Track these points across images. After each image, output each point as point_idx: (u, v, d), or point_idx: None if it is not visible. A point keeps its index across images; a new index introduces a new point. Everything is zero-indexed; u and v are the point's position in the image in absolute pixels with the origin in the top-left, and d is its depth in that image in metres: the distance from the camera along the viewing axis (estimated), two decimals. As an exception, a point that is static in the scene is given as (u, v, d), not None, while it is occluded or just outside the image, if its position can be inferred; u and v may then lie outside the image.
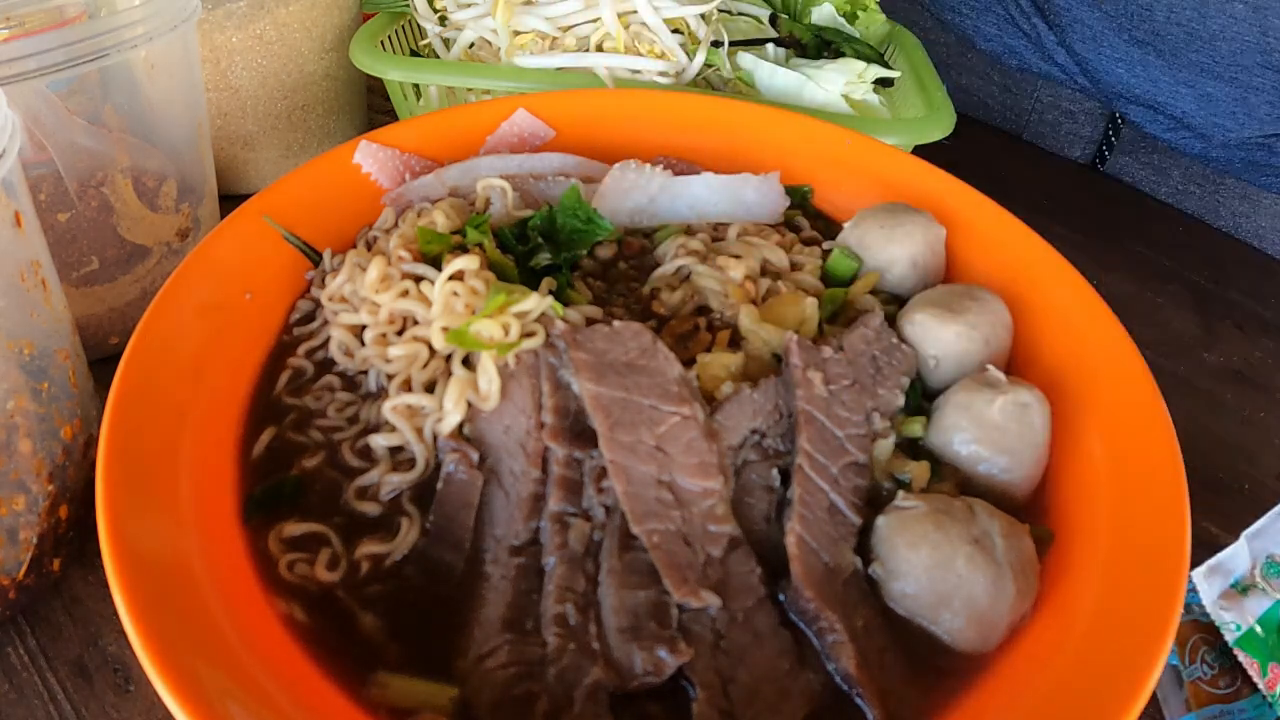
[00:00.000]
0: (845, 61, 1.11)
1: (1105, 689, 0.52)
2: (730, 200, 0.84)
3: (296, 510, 0.62)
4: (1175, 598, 0.55)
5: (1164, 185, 1.39)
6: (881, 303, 0.76)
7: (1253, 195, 1.30)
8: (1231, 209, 1.32)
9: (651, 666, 0.53)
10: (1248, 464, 0.91)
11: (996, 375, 0.66)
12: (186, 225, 0.92)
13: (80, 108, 0.84)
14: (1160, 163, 1.38)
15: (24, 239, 0.64)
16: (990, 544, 0.57)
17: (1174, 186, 1.38)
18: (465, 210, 0.80)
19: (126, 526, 0.55)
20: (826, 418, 0.64)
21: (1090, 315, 0.74)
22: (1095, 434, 0.66)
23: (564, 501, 0.61)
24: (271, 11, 1.04)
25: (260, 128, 1.10)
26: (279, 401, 0.69)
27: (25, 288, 0.65)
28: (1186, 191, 1.36)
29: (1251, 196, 1.30)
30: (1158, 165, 1.39)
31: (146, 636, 0.49)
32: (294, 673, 0.54)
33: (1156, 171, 1.39)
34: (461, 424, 0.64)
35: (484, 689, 0.53)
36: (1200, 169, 1.33)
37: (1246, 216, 1.31)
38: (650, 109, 0.97)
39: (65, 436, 0.69)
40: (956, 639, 0.56)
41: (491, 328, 0.65)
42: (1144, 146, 1.39)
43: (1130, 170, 1.42)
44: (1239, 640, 0.65)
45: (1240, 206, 1.31)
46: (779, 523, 0.61)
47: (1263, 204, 1.30)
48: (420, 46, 1.22)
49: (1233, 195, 1.32)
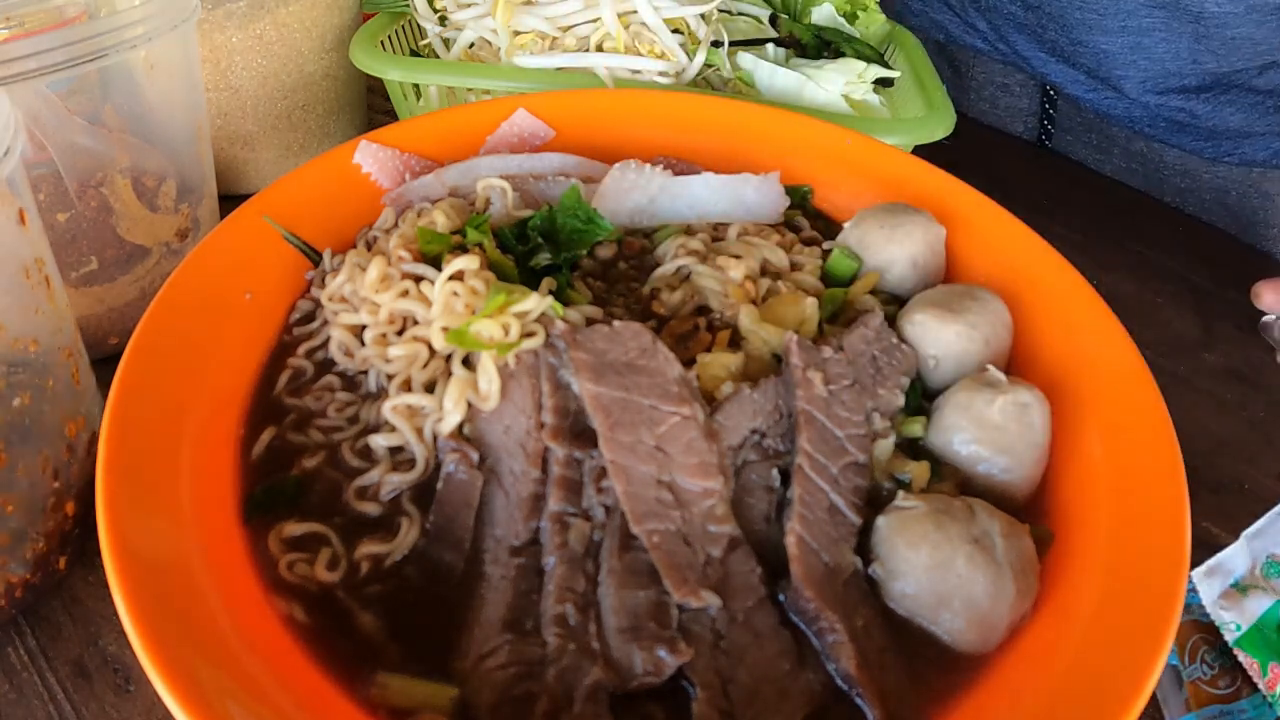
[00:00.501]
0: (845, 61, 1.11)
1: (1105, 689, 0.52)
2: (730, 200, 0.84)
3: (297, 510, 0.62)
4: (1175, 598, 0.55)
5: (1108, 163, 1.39)
6: (881, 303, 0.76)
7: (1193, 169, 1.30)
8: (1174, 185, 1.32)
9: (651, 666, 0.53)
10: (1248, 464, 0.91)
11: (996, 375, 0.66)
12: (186, 225, 0.92)
13: (80, 108, 0.84)
14: (1100, 142, 1.39)
15: (28, 236, 0.64)
16: (990, 544, 0.57)
17: (1117, 164, 1.38)
18: (465, 210, 0.80)
19: (126, 526, 0.55)
20: (826, 418, 0.64)
21: (1090, 315, 0.74)
22: (1095, 434, 0.66)
23: (564, 501, 0.61)
24: (271, 11, 1.04)
25: (260, 128, 1.10)
26: (279, 401, 0.69)
27: (29, 285, 0.65)
28: (1130, 169, 1.37)
29: (1192, 171, 1.30)
30: (1098, 144, 1.39)
31: (146, 636, 0.49)
32: (294, 673, 0.54)
33: (1099, 151, 1.40)
34: (461, 424, 0.64)
35: (484, 689, 0.53)
36: (1141, 146, 1.33)
37: (1191, 192, 1.31)
38: (650, 109, 0.96)
39: (69, 434, 0.69)
40: (956, 639, 0.56)
41: (491, 328, 0.65)
42: (1081, 124, 1.40)
43: (1074, 149, 1.42)
44: (1239, 640, 0.65)
45: (1182, 182, 1.31)
46: (779, 523, 0.61)
47: (1203, 179, 1.29)
48: (420, 46, 1.22)
49: (1174, 171, 1.32)
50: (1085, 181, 1.37)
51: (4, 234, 0.62)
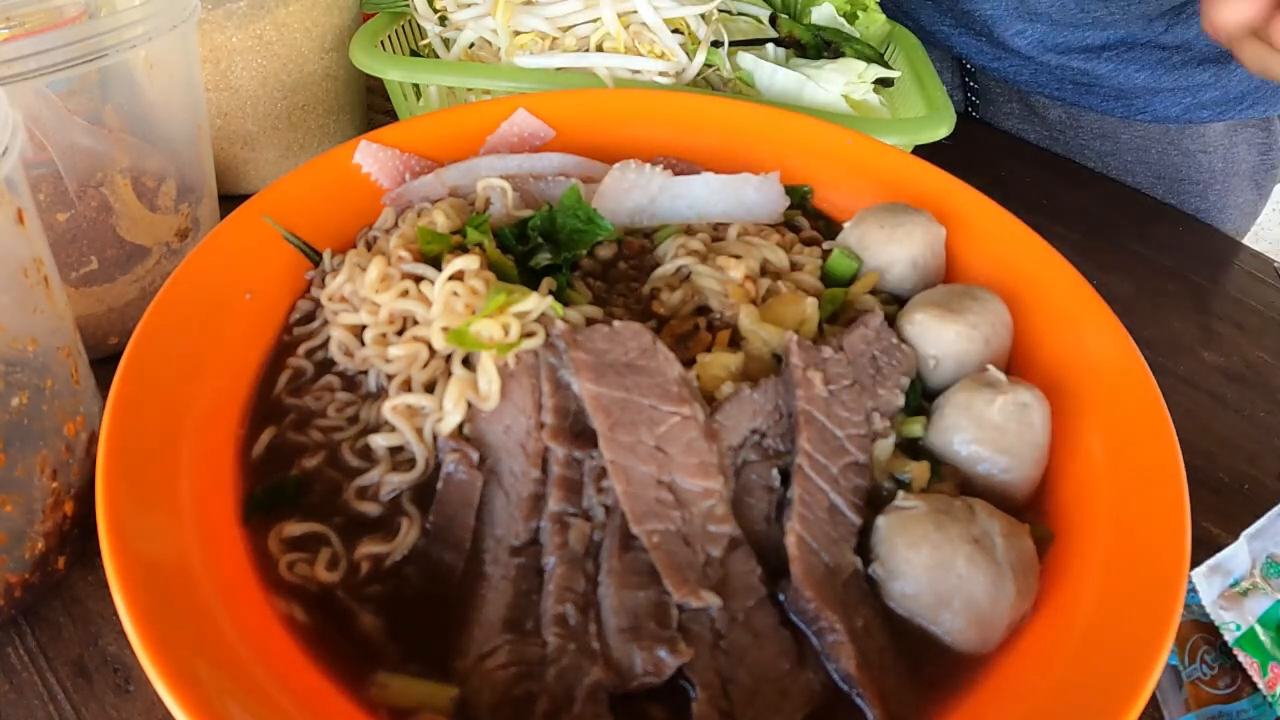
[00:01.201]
0: (845, 61, 1.11)
1: (1105, 689, 0.52)
2: (730, 200, 0.84)
3: (297, 510, 0.62)
4: (1175, 598, 0.55)
5: (1031, 132, 1.40)
6: (881, 303, 0.76)
7: (1110, 132, 1.30)
8: (1095, 149, 1.33)
9: (651, 666, 0.53)
10: (1248, 464, 0.91)
11: (996, 375, 0.66)
12: (186, 225, 0.92)
13: (80, 108, 0.84)
14: (1021, 111, 1.40)
15: (27, 236, 0.64)
16: (990, 544, 0.57)
17: (1040, 133, 1.39)
18: (465, 210, 0.80)
19: (126, 526, 0.55)
20: (826, 418, 0.64)
21: (1090, 315, 0.74)
22: (1095, 434, 0.66)
23: (564, 501, 0.61)
24: (271, 12, 1.04)
25: (260, 128, 1.10)
26: (279, 401, 0.69)
27: (28, 284, 0.65)
28: (1053, 137, 1.38)
29: (1110, 134, 1.30)
30: (1020, 114, 1.40)
31: (146, 636, 0.49)
32: (294, 673, 0.54)
33: (1021, 120, 1.41)
34: (461, 424, 0.64)
35: (484, 689, 0.53)
36: (1060, 113, 1.33)
37: (1111, 155, 1.32)
38: (650, 109, 0.96)
39: (68, 433, 0.69)
40: (956, 639, 0.56)
41: (491, 328, 0.65)
42: (1002, 96, 1.41)
43: (999, 120, 1.43)
44: (1239, 640, 0.65)
45: (1103, 146, 1.32)
46: (779, 523, 0.61)
47: (1121, 140, 1.29)
48: (420, 46, 1.22)
49: (1093, 135, 1.32)
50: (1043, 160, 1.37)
51: (3, 234, 0.62)
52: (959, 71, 1.44)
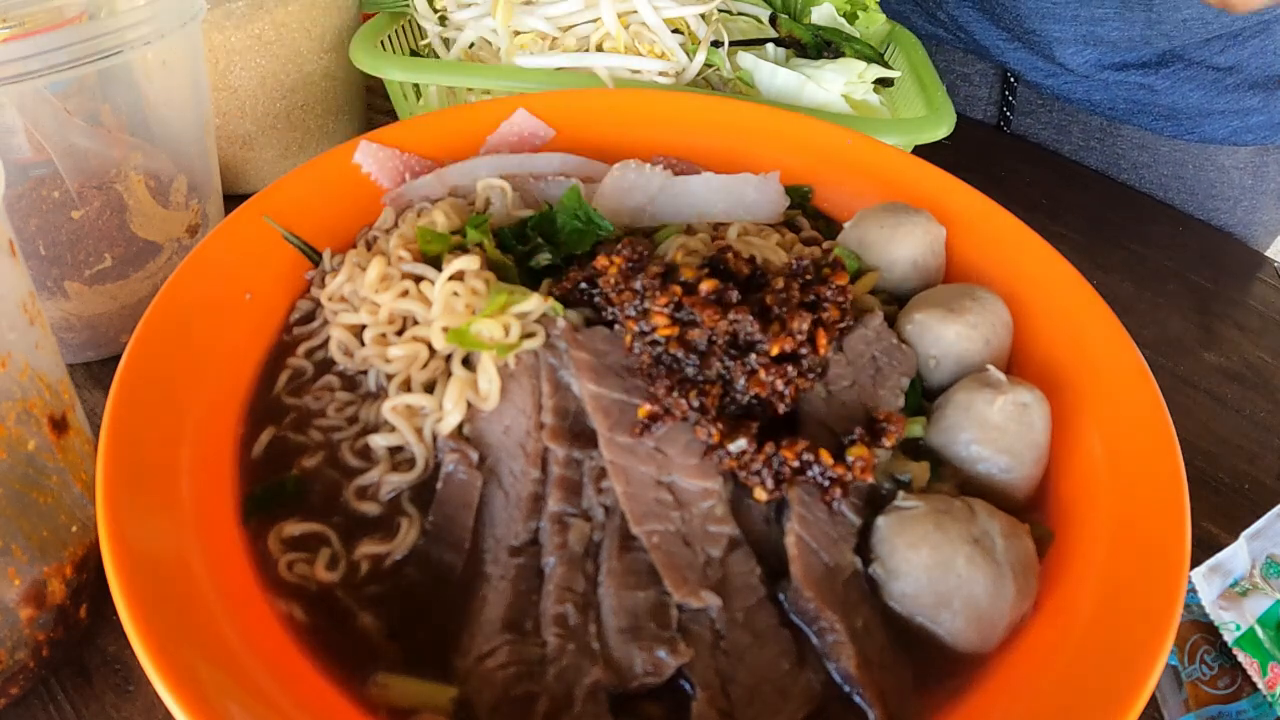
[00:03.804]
0: (845, 61, 1.11)
1: (1105, 689, 0.52)
2: (730, 200, 0.84)
3: (296, 510, 0.62)
4: (1175, 598, 0.55)
5: (1066, 143, 1.41)
6: (881, 303, 0.76)
7: (1149, 144, 1.30)
8: (1132, 159, 1.33)
9: (651, 667, 0.53)
10: (1248, 464, 0.91)
11: (997, 375, 0.66)
12: (196, 221, 0.92)
13: (78, 108, 0.84)
14: (1060, 120, 1.40)
15: (19, 269, 0.62)
16: (990, 544, 0.57)
17: (1076, 144, 1.39)
18: (465, 210, 0.80)
19: (126, 526, 0.54)
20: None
21: (1090, 315, 0.74)
22: (1095, 433, 0.66)
23: (564, 502, 0.61)
24: (271, 11, 1.04)
25: (259, 128, 1.10)
26: (279, 401, 0.69)
27: (28, 319, 0.63)
28: (1088, 147, 1.38)
29: (1149, 145, 1.30)
30: (1058, 124, 1.40)
31: (146, 636, 0.49)
32: (294, 673, 0.54)
33: (1058, 130, 1.41)
34: (461, 424, 0.64)
35: (484, 689, 0.53)
36: (1098, 124, 1.34)
37: (1148, 166, 1.32)
38: (650, 109, 0.96)
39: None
40: (956, 639, 0.56)
41: (492, 328, 0.65)
42: (1042, 106, 1.41)
43: (1034, 131, 1.43)
44: (1239, 640, 0.65)
45: (1140, 156, 1.32)
46: (779, 523, 0.61)
47: (1160, 152, 1.30)
48: (420, 46, 1.22)
49: (1131, 145, 1.32)
50: (1043, 160, 1.37)
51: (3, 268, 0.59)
52: (1000, 85, 1.44)
